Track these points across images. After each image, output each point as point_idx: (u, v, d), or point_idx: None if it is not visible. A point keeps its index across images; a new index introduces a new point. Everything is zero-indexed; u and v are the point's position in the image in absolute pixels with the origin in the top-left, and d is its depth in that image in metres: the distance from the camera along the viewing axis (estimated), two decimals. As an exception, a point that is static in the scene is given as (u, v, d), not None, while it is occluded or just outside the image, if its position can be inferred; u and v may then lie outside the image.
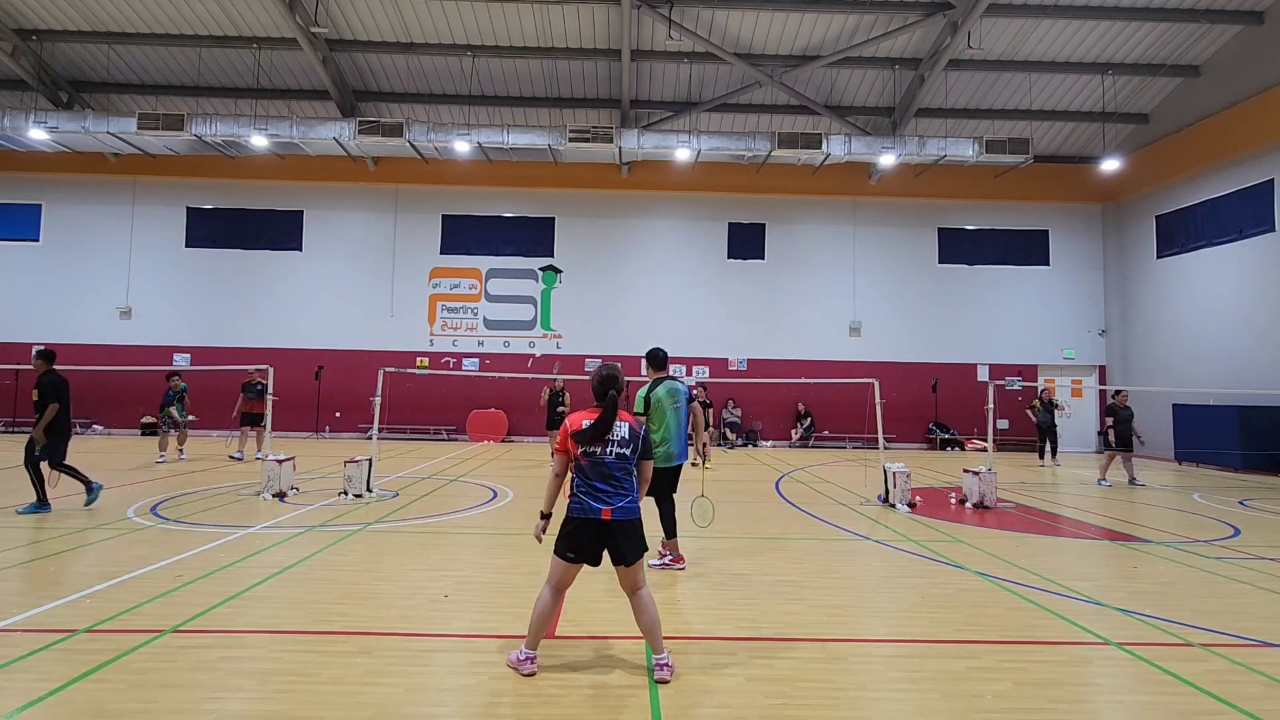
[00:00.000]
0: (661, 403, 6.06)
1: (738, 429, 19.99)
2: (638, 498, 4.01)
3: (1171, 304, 18.47)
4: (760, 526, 8.27)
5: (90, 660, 3.89)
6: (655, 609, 3.94)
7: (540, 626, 3.91)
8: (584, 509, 3.87)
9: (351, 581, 5.56)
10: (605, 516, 3.84)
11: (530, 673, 3.84)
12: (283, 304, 20.34)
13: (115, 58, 17.91)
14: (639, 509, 3.99)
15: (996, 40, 16.70)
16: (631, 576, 3.93)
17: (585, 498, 3.88)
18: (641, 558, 3.95)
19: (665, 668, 3.83)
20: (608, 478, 3.89)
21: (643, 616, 3.91)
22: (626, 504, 3.90)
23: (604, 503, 3.85)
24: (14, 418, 19.28)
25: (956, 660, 4.22)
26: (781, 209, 20.89)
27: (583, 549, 3.89)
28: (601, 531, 3.87)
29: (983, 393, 12.25)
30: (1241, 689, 3.87)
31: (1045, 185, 20.40)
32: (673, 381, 6.26)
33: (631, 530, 3.91)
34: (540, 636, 3.94)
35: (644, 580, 3.97)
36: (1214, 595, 5.73)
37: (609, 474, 3.89)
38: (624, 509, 3.88)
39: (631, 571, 3.92)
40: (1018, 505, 10.06)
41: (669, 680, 3.79)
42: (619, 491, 3.89)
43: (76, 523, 7.47)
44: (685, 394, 6.33)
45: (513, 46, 17.40)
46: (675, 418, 6.11)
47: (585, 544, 3.88)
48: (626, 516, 3.89)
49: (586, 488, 3.89)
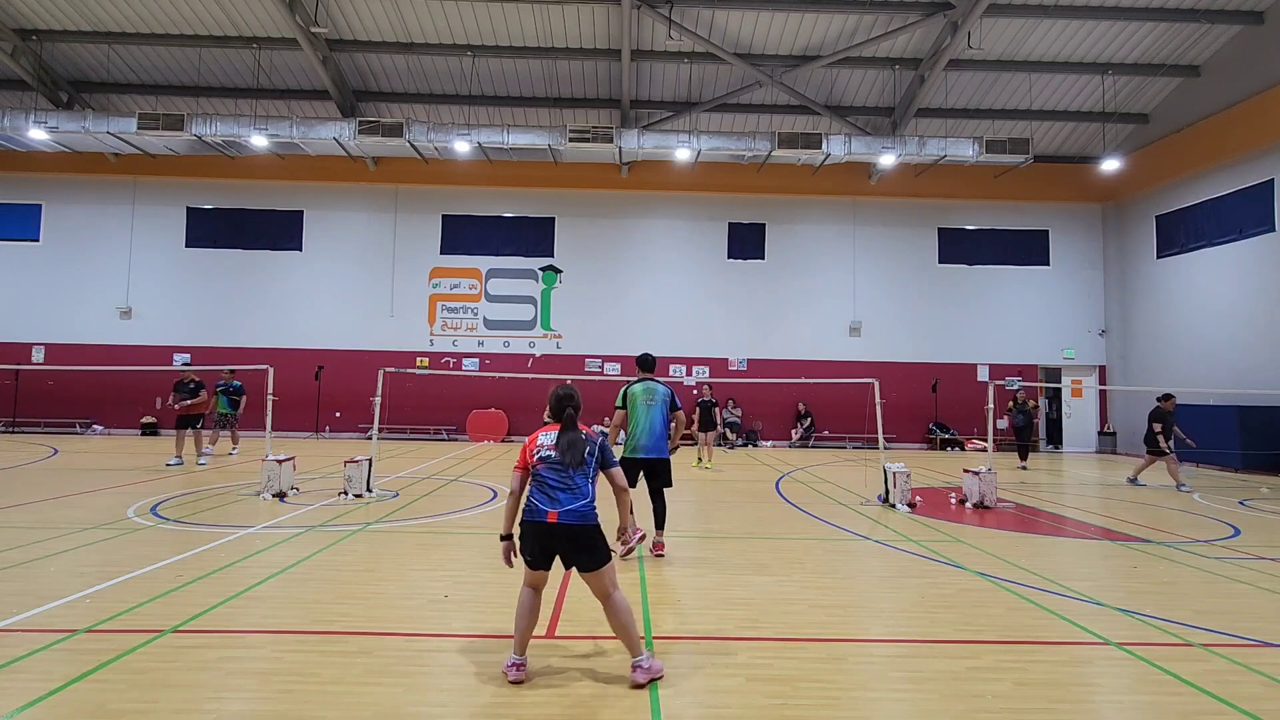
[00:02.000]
0: (636, 398, 6.57)
1: (738, 429, 19.99)
2: (592, 504, 3.84)
3: (1171, 304, 18.47)
4: (760, 526, 8.27)
5: (90, 660, 3.89)
6: (627, 614, 3.80)
7: (522, 628, 3.83)
8: (532, 511, 3.80)
9: (351, 581, 5.56)
10: (551, 520, 3.73)
11: (516, 679, 3.73)
12: (283, 304, 20.34)
13: (115, 58, 17.92)
14: (594, 515, 3.83)
15: (996, 40, 16.70)
16: (595, 583, 3.81)
17: (534, 500, 3.81)
18: (602, 566, 3.79)
19: (639, 669, 3.73)
20: (560, 479, 3.81)
21: (612, 621, 3.81)
22: (577, 507, 3.77)
23: (551, 505, 3.76)
24: (14, 418, 19.29)
25: (956, 660, 4.22)
26: (781, 209, 20.90)
27: (534, 553, 3.81)
28: (549, 535, 3.76)
29: (983, 393, 12.25)
30: (1241, 689, 3.87)
31: (1045, 185, 20.40)
32: (653, 383, 6.71)
33: (584, 537, 3.77)
34: (524, 640, 3.84)
35: (613, 586, 3.81)
36: (1214, 595, 5.73)
37: (562, 475, 3.82)
38: (572, 512, 3.75)
39: (593, 578, 3.80)
40: (1018, 505, 10.06)
41: (642, 684, 3.69)
42: (570, 494, 3.78)
43: (76, 523, 7.46)
44: (664, 395, 6.70)
45: (513, 46, 17.41)
46: (647, 414, 6.57)
47: (534, 548, 3.81)
48: (574, 521, 3.75)
49: (539, 491, 3.82)
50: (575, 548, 3.79)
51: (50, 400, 19.48)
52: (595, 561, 3.79)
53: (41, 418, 19.37)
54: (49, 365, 19.35)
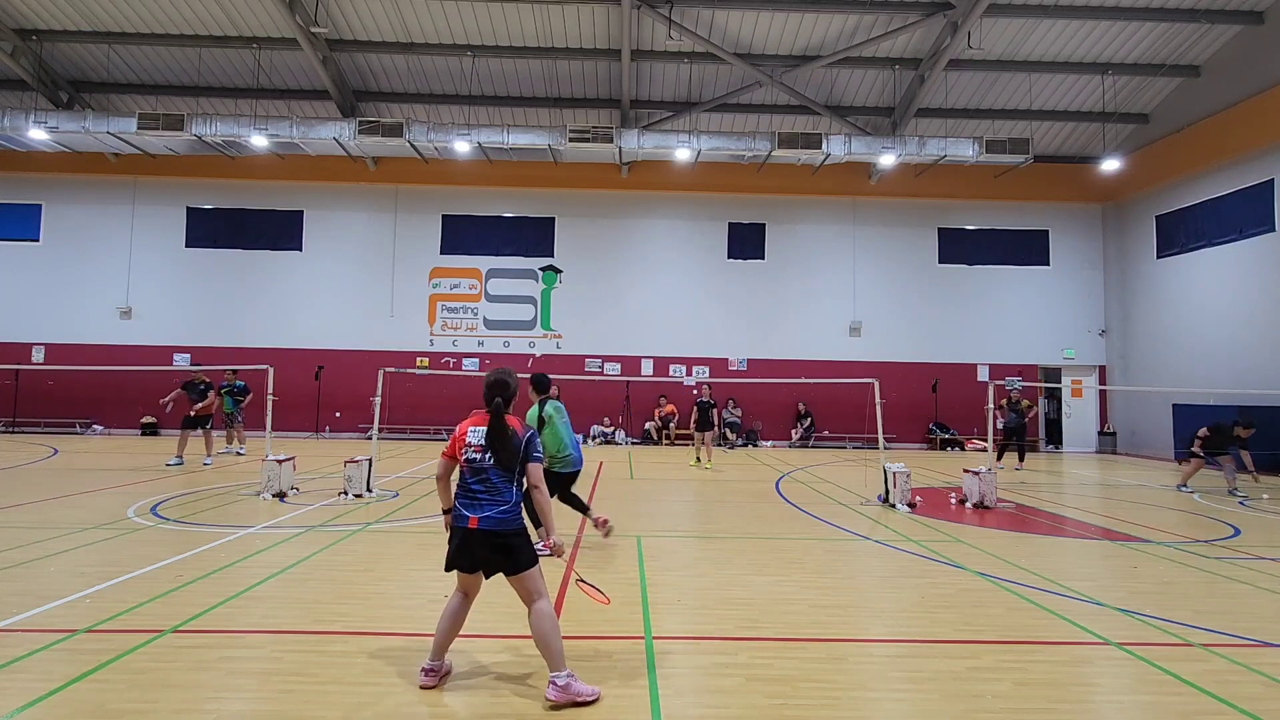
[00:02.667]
0: (553, 417, 6.78)
1: (738, 429, 19.99)
2: (517, 506, 3.71)
3: (1171, 304, 18.47)
4: (760, 526, 8.27)
5: (90, 660, 3.89)
6: (550, 623, 3.60)
7: (442, 630, 3.73)
8: (456, 515, 3.70)
9: (351, 581, 5.56)
10: (471, 525, 3.62)
11: (425, 685, 3.63)
12: (283, 304, 20.34)
13: (115, 58, 17.91)
14: (519, 519, 3.70)
15: (996, 40, 16.70)
16: (520, 587, 3.67)
17: (459, 505, 3.71)
18: (526, 571, 3.63)
19: (554, 686, 3.49)
20: (484, 484, 3.68)
21: (533, 629, 3.62)
22: (498, 513, 3.63)
23: (473, 510, 3.64)
24: (14, 418, 19.29)
25: (956, 660, 4.22)
26: (781, 209, 20.90)
27: (458, 557, 3.71)
28: (470, 540, 3.65)
29: (983, 393, 12.25)
30: (1241, 689, 3.87)
31: (1045, 185, 20.40)
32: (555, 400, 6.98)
33: (503, 543, 3.62)
34: (441, 645, 3.73)
35: (538, 593, 3.65)
36: (1214, 595, 5.73)
37: (486, 480, 3.68)
38: (493, 519, 3.61)
39: (516, 582, 3.66)
40: (1018, 505, 10.06)
41: (557, 703, 3.45)
42: (493, 500, 3.65)
43: (76, 523, 7.46)
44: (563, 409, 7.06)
45: (513, 46, 17.40)
46: (567, 430, 6.90)
47: (459, 551, 3.70)
48: (495, 527, 3.61)
49: (463, 494, 3.72)
50: (495, 552, 3.65)
51: (50, 400, 19.48)
52: (517, 565, 3.63)
53: (41, 418, 19.37)
54: (49, 365, 19.35)
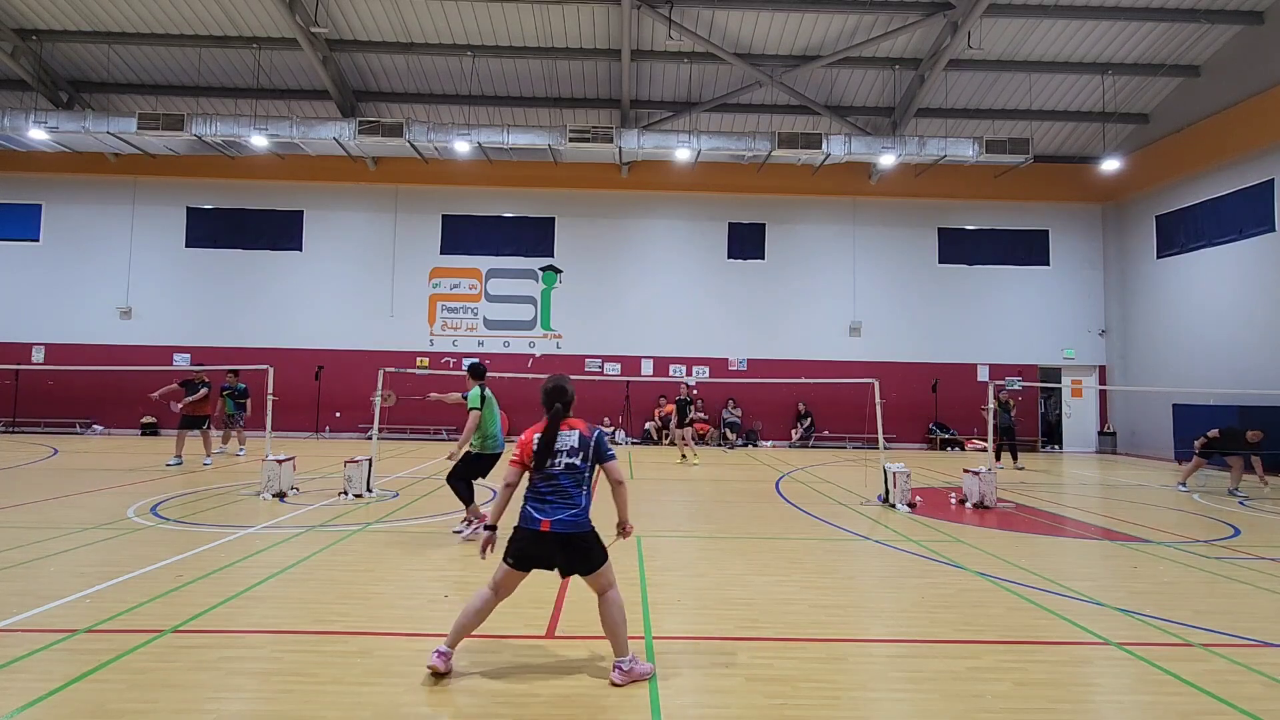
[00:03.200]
0: (491, 401, 7.50)
1: (738, 429, 19.99)
2: (587, 509, 3.86)
3: (1171, 304, 18.47)
4: (760, 526, 8.27)
5: (90, 660, 3.89)
6: (620, 613, 3.84)
7: (464, 625, 3.84)
8: (526, 518, 3.82)
9: (351, 581, 5.56)
10: (544, 529, 3.75)
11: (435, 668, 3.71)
12: (283, 304, 20.34)
13: (115, 58, 17.92)
14: (588, 521, 3.85)
15: (996, 40, 16.70)
16: (594, 583, 3.88)
17: (530, 508, 3.84)
18: (599, 568, 3.83)
19: (619, 670, 3.76)
20: (555, 489, 3.82)
21: (604, 618, 3.86)
22: (569, 516, 3.77)
23: (545, 514, 3.77)
24: (14, 418, 19.29)
25: (956, 660, 4.22)
26: (781, 209, 20.90)
27: (523, 557, 3.83)
28: (541, 542, 3.77)
29: (983, 393, 12.25)
30: (1241, 689, 3.87)
31: (1045, 185, 20.40)
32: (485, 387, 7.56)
33: (576, 543, 3.79)
34: (461, 635, 3.85)
35: (609, 584, 3.87)
36: (1214, 595, 5.73)
37: (556, 485, 3.82)
38: (564, 521, 3.76)
39: (592, 579, 3.86)
40: (1018, 505, 10.06)
41: (619, 684, 3.71)
42: (564, 503, 3.79)
43: (76, 523, 7.46)
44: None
45: (513, 46, 17.40)
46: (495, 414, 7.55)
47: (527, 552, 3.82)
48: (566, 530, 3.76)
49: (534, 498, 3.85)
50: (570, 555, 3.80)
51: (50, 400, 19.48)
52: (591, 565, 3.83)
53: (41, 418, 19.37)
54: (49, 365, 19.35)
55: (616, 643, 3.82)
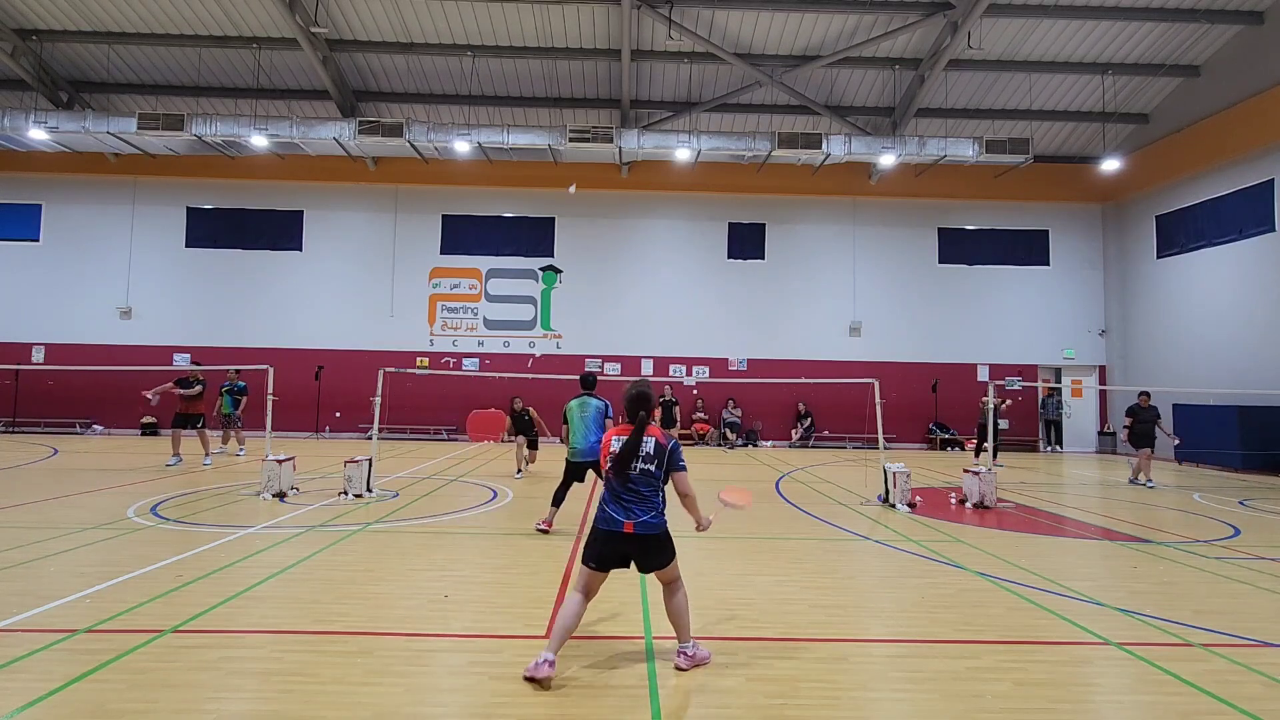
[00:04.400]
0: (571, 411, 7.73)
1: (738, 429, 19.99)
2: (663, 511, 4.06)
3: (1171, 304, 18.47)
4: (760, 526, 8.26)
5: (90, 660, 3.89)
6: (684, 603, 4.08)
7: (562, 629, 3.91)
8: (608, 521, 3.99)
9: (351, 581, 5.56)
10: (628, 530, 3.95)
11: (545, 676, 3.71)
12: (283, 304, 20.34)
13: (115, 58, 17.92)
14: (664, 523, 4.05)
15: (996, 40, 16.70)
16: (664, 576, 4.10)
17: (610, 510, 4.01)
18: (670, 563, 4.07)
19: (683, 655, 3.97)
20: (633, 492, 4.00)
21: (670, 607, 4.09)
22: (649, 519, 3.98)
23: (627, 516, 3.96)
24: (14, 418, 19.29)
25: (956, 660, 4.22)
26: (781, 209, 20.90)
27: (604, 558, 4.00)
28: (624, 543, 3.98)
29: (983, 393, 12.25)
30: (1241, 689, 3.87)
31: (1045, 185, 20.40)
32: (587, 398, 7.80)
33: (655, 544, 4.01)
34: (562, 640, 3.91)
35: (678, 577, 4.11)
36: (1214, 595, 5.73)
37: (634, 489, 4.00)
38: (646, 523, 3.97)
39: (663, 573, 4.09)
40: (1018, 505, 10.06)
41: (684, 669, 3.91)
42: (643, 505, 3.99)
43: (77, 523, 7.46)
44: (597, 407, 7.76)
45: (513, 46, 17.40)
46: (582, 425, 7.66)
47: (607, 553, 4.00)
48: (648, 531, 3.98)
49: (613, 501, 4.02)
50: (648, 554, 4.03)
51: (50, 400, 19.48)
52: (665, 561, 4.06)
53: (41, 418, 19.37)
54: (49, 365, 19.35)
55: (681, 630, 4.03)
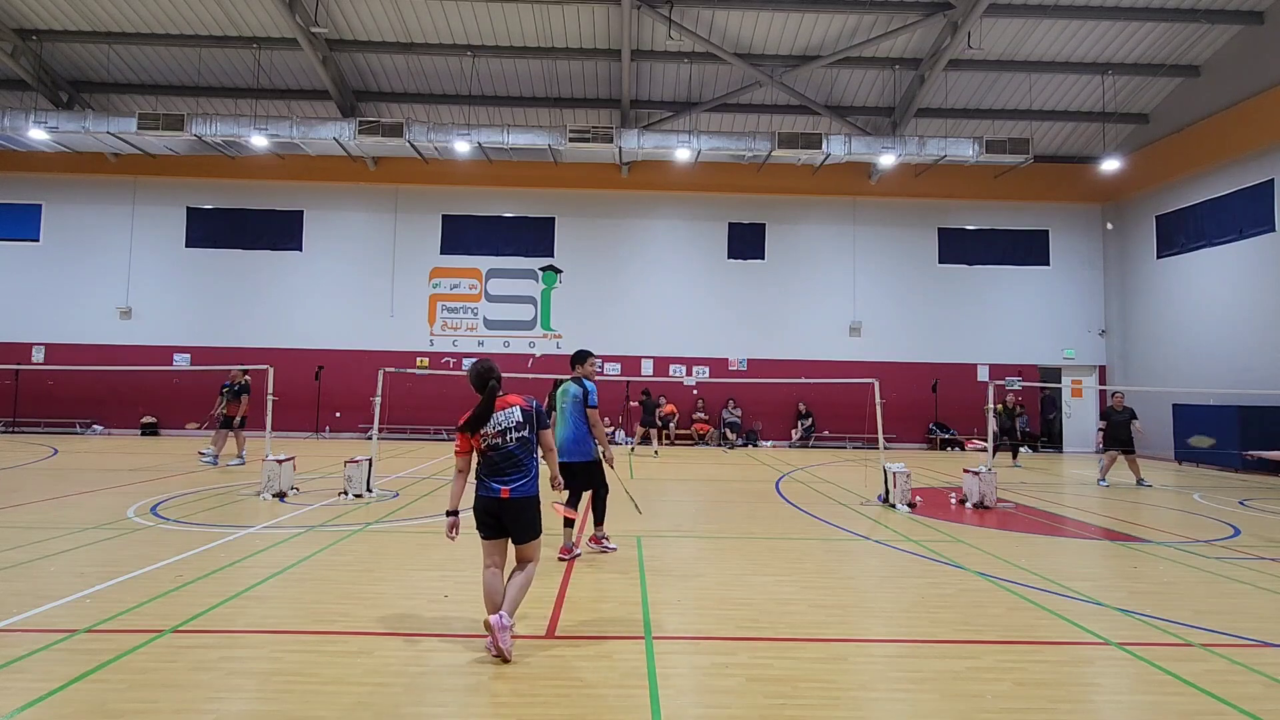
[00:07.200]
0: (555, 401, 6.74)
1: (738, 429, 19.98)
2: (537, 479, 4.34)
3: (1171, 304, 18.47)
4: (760, 526, 8.27)
5: (90, 660, 3.89)
6: (527, 584, 4.25)
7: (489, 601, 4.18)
8: (486, 490, 4.23)
9: (351, 581, 5.56)
10: (504, 495, 4.19)
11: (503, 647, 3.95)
12: (283, 304, 20.34)
13: (115, 58, 17.91)
14: (537, 490, 4.34)
15: (996, 40, 16.70)
16: (523, 553, 4.31)
17: (487, 479, 4.24)
18: (533, 540, 4.29)
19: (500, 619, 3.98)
20: (510, 461, 4.26)
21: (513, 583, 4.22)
22: (524, 484, 4.25)
23: (503, 483, 4.22)
24: (14, 418, 19.29)
25: (956, 660, 4.22)
26: (781, 209, 20.90)
27: (489, 525, 4.24)
28: (500, 509, 4.21)
29: (983, 393, 12.26)
30: (1241, 689, 3.87)
31: (1045, 185, 20.40)
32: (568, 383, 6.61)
33: (528, 509, 4.26)
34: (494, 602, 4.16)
35: (533, 558, 4.32)
36: (1214, 595, 5.73)
37: (511, 457, 4.26)
38: (520, 487, 4.24)
39: (523, 549, 4.30)
40: (1018, 505, 10.06)
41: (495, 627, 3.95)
42: (519, 471, 4.26)
43: (77, 523, 7.46)
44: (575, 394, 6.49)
45: (513, 46, 17.40)
46: (560, 417, 6.57)
47: (488, 521, 4.24)
48: (523, 494, 4.24)
49: (490, 472, 4.25)
50: (520, 520, 4.25)
51: (50, 400, 19.48)
52: (533, 534, 4.30)
53: (41, 418, 19.37)
54: (49, 365, 19.35)
55: (509, 602, 4.14)
